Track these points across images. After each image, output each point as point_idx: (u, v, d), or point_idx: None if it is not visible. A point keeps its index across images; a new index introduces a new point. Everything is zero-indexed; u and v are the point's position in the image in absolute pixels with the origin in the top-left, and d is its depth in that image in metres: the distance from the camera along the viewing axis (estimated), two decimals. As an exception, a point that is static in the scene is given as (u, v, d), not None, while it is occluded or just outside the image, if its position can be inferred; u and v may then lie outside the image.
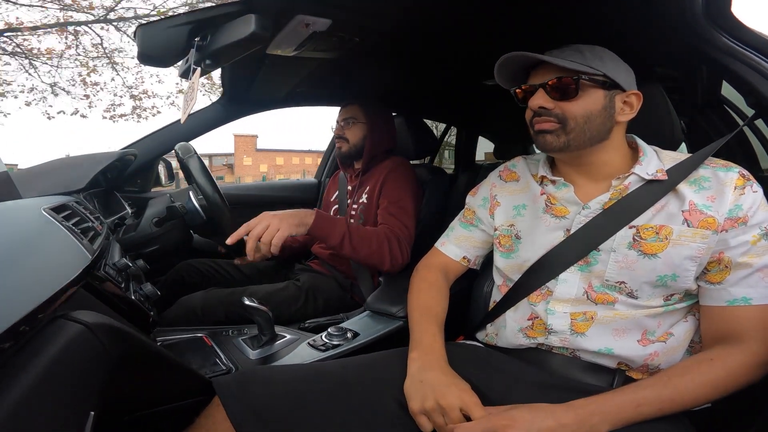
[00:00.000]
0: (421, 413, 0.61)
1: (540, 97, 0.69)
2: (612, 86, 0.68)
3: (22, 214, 0.58)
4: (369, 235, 1.10)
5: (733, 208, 0.61)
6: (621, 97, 0.69)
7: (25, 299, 0.40)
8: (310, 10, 0.76)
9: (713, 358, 0.59)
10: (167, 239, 1.13)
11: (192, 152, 1.10)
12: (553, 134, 0.69)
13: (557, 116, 0.68)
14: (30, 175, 1.06)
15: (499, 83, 0.76)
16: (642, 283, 0.64)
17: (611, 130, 0.69)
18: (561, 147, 0.69)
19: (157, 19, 0.72)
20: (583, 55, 0.68)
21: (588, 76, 0.67)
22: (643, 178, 0.66)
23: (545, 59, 0.68)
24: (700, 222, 0.62)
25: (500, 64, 0.72)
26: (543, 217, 0.74)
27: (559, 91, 0.67)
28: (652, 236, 0.64)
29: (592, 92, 0.67)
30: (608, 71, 0.67)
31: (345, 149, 1.35)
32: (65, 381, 0.40)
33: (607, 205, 0.68)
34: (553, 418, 0.55)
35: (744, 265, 0.61)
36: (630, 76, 0.71)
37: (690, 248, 0.62)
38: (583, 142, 0.68)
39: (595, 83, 0.67)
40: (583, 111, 0.67)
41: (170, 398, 0.63)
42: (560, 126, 0.68)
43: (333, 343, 0.90)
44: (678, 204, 0.65)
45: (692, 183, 0.65)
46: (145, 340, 0.53)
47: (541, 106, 0.69)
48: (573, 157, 0.72)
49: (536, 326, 0.71)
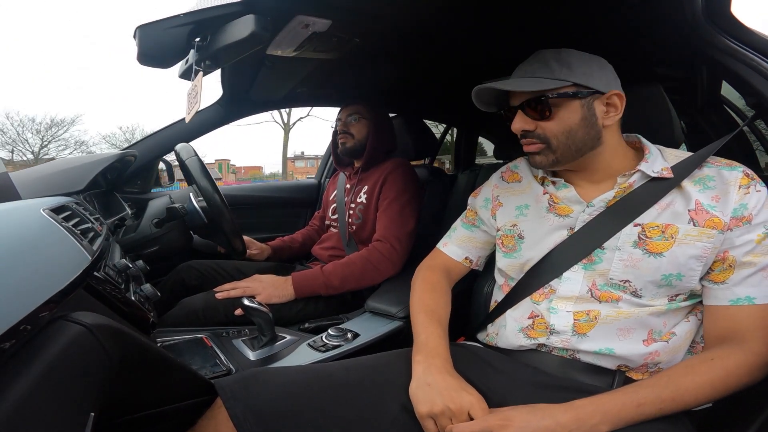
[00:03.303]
0: (429, 417, 0.60)
1: (519, 120, 0.69)
2: (587, 93, 0.65)
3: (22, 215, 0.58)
4: (349, 265, 1.16)
5: (737, 207, 0.61)
6: (601, 100, 0.67)
7: (24, 300, 0.39)
8: (310, 11, 0.76)
9: (713, 358, 0.59)
10: (167, 240, 1.12)
11: (192, 153, 1.10)
12: (541, 154, 0.69)
13: (539, 137, 0.68)
14: (30, 176, 1.06)
15: (482, 109, 0.76)
16: (647, 282, 0.64)
17: (600, 136, 0.68)
18: (551, 164, 0.70)
19: (156, 19, 0.72)
20: (549, 67, 0.66)
21: (555, 92, 0.65)
22: (649, 175, 0.66)
23: (505, 88, 0.67)
24: (706, 221, 0.62)
25: (475, 93, 0.72)
26: (546, 216, 0.74)
27: (535, 110, 0.67)
28: (658, 235, 0.64)
29: (567, 106, 0.65)
30: (578, 79, 0.65)
31: (350, 144, 1.35)
32: (65, 382, 0.39)
33: (611, 202, 0.68)
34: (552, 418, 0.55)
35: (748, 264, 0.61)
36: (606, 75, 0.67)
37: (695, 248, 0.62)
38: (572, 155, 0.68)
39: (567, 96, 0.65)
40: (561, 128, 0.66)
41: (170, 399, 0.63)
42: (545, 146, 0.68)
43: (333, 343, 0.90)
44: (684, 203, 0.64)
45: (697, 182, 0.65)
46: (145, 341, 0.53)
47: (523, 129, 0.69)
48: (572, 166, 0.72)
49: (537, 326, 0.71)
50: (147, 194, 1.57)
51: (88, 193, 1.09)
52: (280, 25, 0.78)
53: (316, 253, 1.43)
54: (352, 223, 1.32)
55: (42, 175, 1.07)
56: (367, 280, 1.16)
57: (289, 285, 1.11)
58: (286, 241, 1.51)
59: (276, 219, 1.90)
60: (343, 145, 1.36)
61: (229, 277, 1.33)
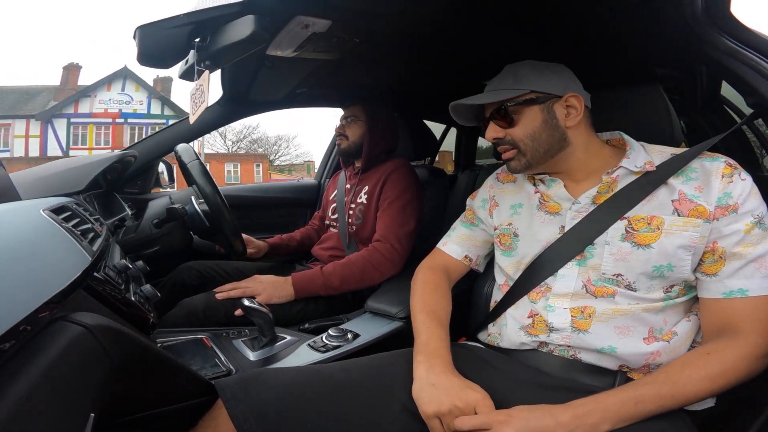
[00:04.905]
0: (435, 417, 0.60)
1: (490, 129, 0.76)
2: (544, 98, 0.72)
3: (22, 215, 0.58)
4: (349, 266, 1.16)
5: (722, 196, 0.62)
6: (560, 103, 0.72)
7: (24, 301, 0.39)
8: (310, 11, 0.76)
9: (710, 352, 0.59)
10: (167, 240, 1.12)
11: (192, 154, 1.10)
12: (515, 160, 0.75)
13: (510, 143, 0.74)
14: (29, 177, 1.05)
15: (461, 123, 0.83)
16: (638, 274, 0.65)
17: (565, 137, 0.72)
18: (524, 167, 0.75)
19: (157, 19, 0.72)
20: (509, 78, 0.74)
21: (512, 101, 0.72)
22: (631, 171, 0.68)
23: (468, 102, 0.76)
24: (690, 211, 0.63)
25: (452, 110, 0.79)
26: (537, 214, 0.76)
27: (503, 119, 0.74)
28: (644, 227, 0.65)
29: (527, 112, 0.72)
30: (534, 86, 0.72)
31: (344, 146, 1.38)
32: (65, 383, 0.39)
33: (597, 199, 0.70)
34: (552, 417, 0.56)
35: (738, 256, 0.61)
36: (563, 80, 0.74)
37: (682, 237, 0.63)
38: (541, 157, 0.73)
39: (525, 103, 0.72)
40: (525, 132, 0.73)
41: (171, 400, 0.63)
42: (516, 151, 0.74)
43: (333, 344, 0.90)
44: (667, 194, 0.66)
45: (679, 174, 0.66)
46: (145, 342, 0.53)
47: (495, 138, 0.75)
48: (548, 168, 0.76)
49: (537, 324, 0.72)
50: (147, 195, 1.57)
51: (88, 194, 1.08)
52: (280, 25, 0.78)
53: (316, 254, 1.43)
54: (352, 224, 1.33)
55: (42, 176, 1.06)
56: (367, 280, 1.16)
57: (289, 285, 1.12)
58: (284, 239, 1.51)
59: (276, 219, 1.90)
60: (339, 147, 1.39)
61: (229, 277, 1.33)
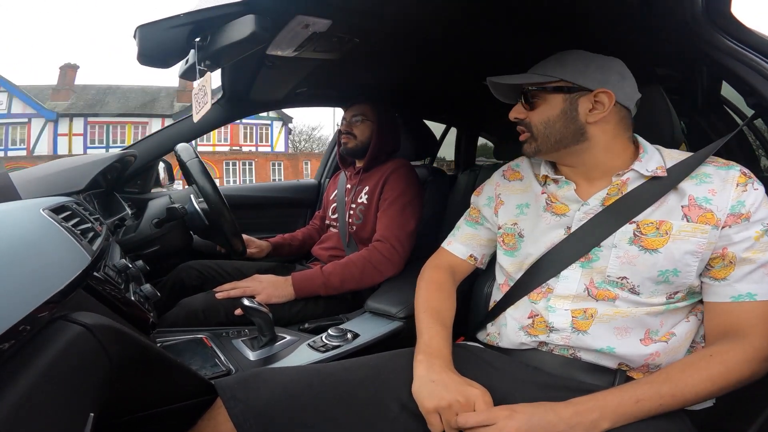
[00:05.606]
0: (435, 412, 0.60)
1: (515, 109, 0.76)
2: (573, 89, 0.70)
3: (21, 215, 0.58)
4: (349, 265, 1.16)
5: (735, 204, 0.62)
6: (588, 97, 0.69)
7: (24, 300, 0.39)
8: (310, 11, 0.76)
9: (712, 354, 0.59)
10: (167, 240, 1.12)
11: (192, 153, 1.10)
12: (527, 142, 0.76)
13: (526, 125, 0.75)
14: (29, 176, 1.05)
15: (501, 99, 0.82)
16: (644, 278, 0.65)
17: (583, 132, 0.70)
18: (533, 152, 0.75)
19: (157, 19, 0.72)
20: (547, 64, 0.73)
21: (537, 85, 0.72)
22: (643, 174, 0.67)
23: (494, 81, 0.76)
24: (699, 217, 0.63)
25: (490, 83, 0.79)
26: (543, 216, 0.75)
27: (526, 102, 0.74)
28: (653, 231, 0.65)
29: (550, 99, 0.71)
30: (567, 75, 0.70)
31: (351, 145, 1.35)
32: (65, 382, 0.39)
33: (606, 201, 0.69)
34: (554, 412, 0.56)
35: (748, 261, 0.61)
36: (603, 75, 0.70)
37: (690, 243, 0.63)
38: (551, 146, 0.73)
39: (551, 90, 0.71)
40: (540, 118, 0.72)
41: (170, 400, 0.63)
42: (530, 134, 0.74)
43: (333, 344, 0.90)
44: (677, 199, 0.65)
45: (693, 177, 0.66)
46: (145, 341, 0.53)
47: (516, 117, 0.76)
48: (561, 158, 0.75)
49: (537, 324, 0.71)
50: (147, 194, 1.56)
51: (88, 193, 1.08)
52: (280, 25, 0.78)
53: (316, 253, 1.43)
54: (352, 224, 1.32)
55: (42, 175, 1.06)
56: (367, 280, 1.16)
57: (289, 285, 1.11)
58: (287, 238, 1.51)
59: (276, 219, 1.90)
60: (345, 146, 1.36)
61: (229, 277, 1.33)
